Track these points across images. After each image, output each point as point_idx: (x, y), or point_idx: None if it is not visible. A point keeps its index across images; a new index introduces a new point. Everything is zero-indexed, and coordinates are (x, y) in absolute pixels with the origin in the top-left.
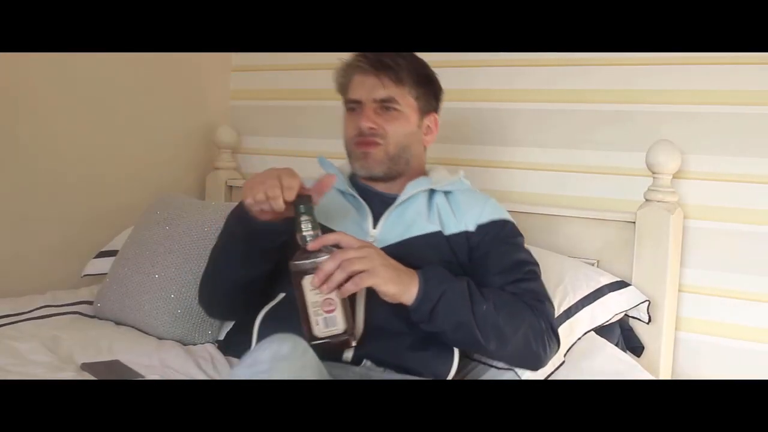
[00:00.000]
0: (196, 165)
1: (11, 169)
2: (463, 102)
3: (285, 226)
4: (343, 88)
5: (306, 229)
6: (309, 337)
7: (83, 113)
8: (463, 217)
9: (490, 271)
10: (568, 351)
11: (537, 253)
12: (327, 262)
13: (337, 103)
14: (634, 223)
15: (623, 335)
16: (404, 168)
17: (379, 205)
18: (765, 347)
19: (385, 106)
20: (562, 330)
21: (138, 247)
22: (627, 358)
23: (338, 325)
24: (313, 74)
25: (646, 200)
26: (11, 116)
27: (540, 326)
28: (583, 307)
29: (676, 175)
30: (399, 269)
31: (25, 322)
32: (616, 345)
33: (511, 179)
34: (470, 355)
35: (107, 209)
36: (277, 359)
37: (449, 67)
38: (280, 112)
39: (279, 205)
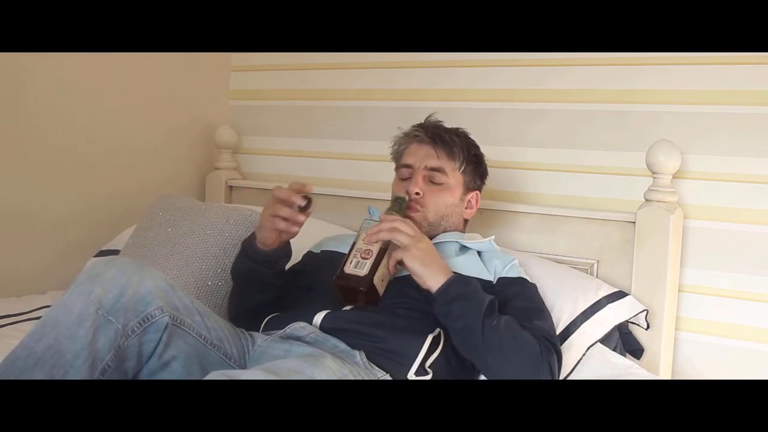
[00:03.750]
0: (196, 165)
1: (11, 168)
2: (463, 102)
3: (282, 252)
4: (398, 155)
5: (387, 211)
6: (338, 273)
7: (83, 113)
8: (489, 268)
9: (507, 313)
10: (572, 371)
11: (536, 260)
12: (384, 223)
13: (338, 103)
14: (634, 223)
15: (622, 338)
16: (441, 232)
17: None
18: (765, 347)
19: (434, 176)
20: (564, 349)
21: (140, 248)
22: (623, 360)
23: (363, 270)
24: (313, 74)
25: (646, 200)
26: (11, 117)
27: (543, 358)
28: (583, 322)
29: (676, 175)
30: (434, 260)
31: (25, 322)
32: (615, 349)
33: (511, 179)
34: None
35: (107, 209)
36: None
37: (452, 67)
38: (280, 112)
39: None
